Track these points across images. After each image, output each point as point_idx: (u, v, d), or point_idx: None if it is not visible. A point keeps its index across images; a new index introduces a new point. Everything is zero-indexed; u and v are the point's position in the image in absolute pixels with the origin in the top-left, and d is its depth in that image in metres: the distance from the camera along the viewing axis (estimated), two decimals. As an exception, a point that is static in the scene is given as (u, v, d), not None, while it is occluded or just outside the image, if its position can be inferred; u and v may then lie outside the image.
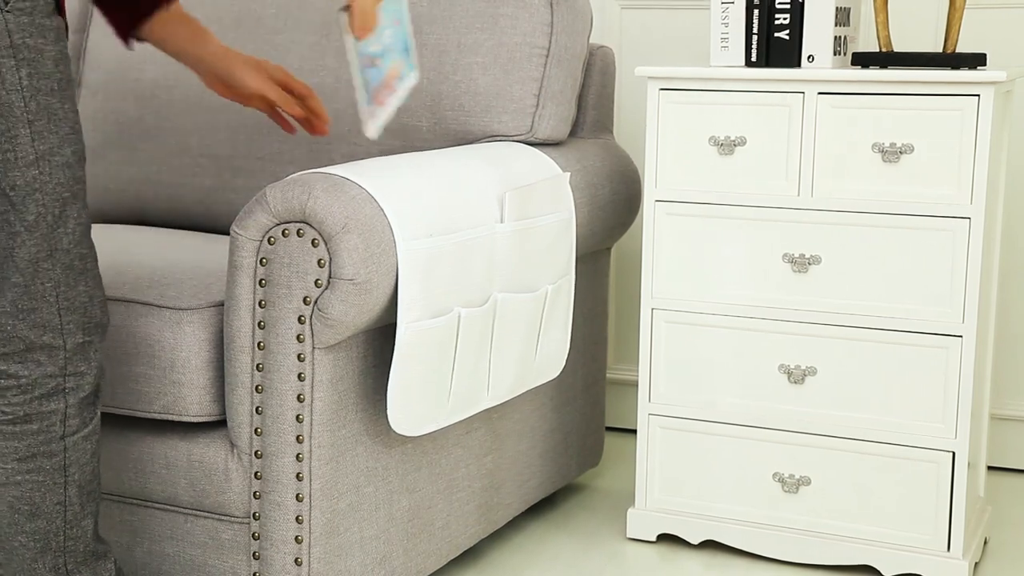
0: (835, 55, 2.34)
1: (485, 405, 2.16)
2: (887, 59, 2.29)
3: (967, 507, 2.31)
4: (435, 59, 2.44)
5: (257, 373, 1.90)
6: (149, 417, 1.98)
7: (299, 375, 1.89)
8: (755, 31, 2.35)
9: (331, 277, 1.85)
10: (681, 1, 2.99)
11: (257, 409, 1.91)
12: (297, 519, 1.91)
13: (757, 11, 2.35)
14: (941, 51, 2.31)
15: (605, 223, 2.53)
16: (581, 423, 2.65)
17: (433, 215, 1.97)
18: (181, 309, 1.96)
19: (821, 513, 2.36)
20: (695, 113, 2.36)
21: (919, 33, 2.85)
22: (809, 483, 2.36)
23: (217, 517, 1.98)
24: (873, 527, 2.33)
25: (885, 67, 2.29)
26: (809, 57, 2.33)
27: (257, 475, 1.92)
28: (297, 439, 1.90)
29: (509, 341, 2.17)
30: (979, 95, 2.18)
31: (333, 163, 2.49)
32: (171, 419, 1.96)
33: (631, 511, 2.49)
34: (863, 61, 2.31)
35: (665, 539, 2.52)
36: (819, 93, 2.27)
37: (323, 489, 1.93)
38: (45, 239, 1.67)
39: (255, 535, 1.94)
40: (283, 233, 1.87)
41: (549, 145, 2.47)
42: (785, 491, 2.37)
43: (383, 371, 2.03)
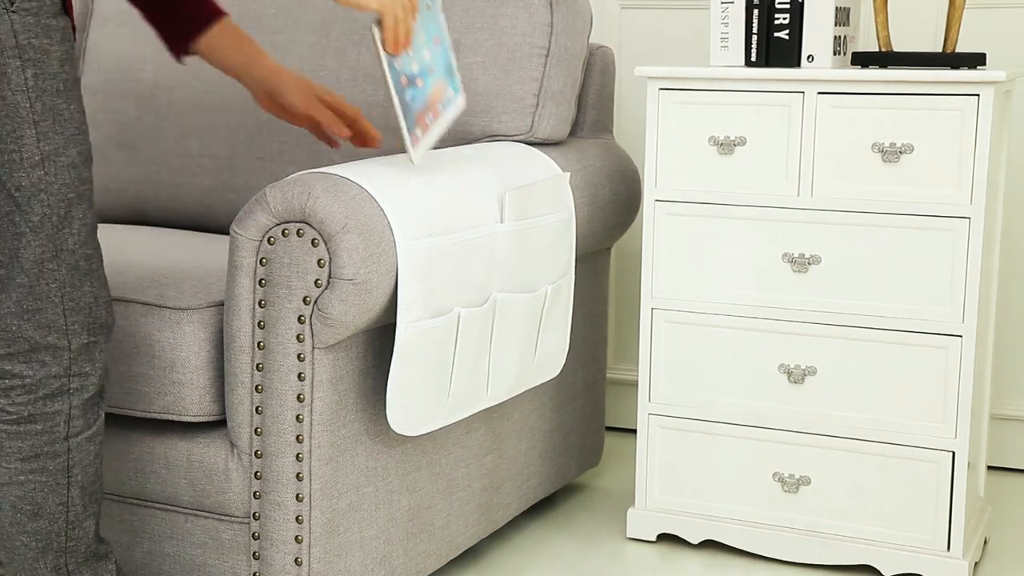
0: (835, 55, 2.34)
1: (485, 405, 2.16)
2: (887, 59, 2.29)
3: (967, 507, 2.31)
4: (435, 59, 2.44)
5: (257, 373, 1.90)
6: (149, 417, 1.98)
7: (299, 375, 1.89)
8: (755, 31, 2.35)
9: (331, 277, 1.85)
10: (681, 1, 2.99)
11: (257, 409, 1.91)
12: (297, 519, 1.91)
13: (757, 11, 2.35)
14: (941, 51, 2.31)
15: (605, 223, 2.53)
16: (581, 423, 2.65)
17: (433, 215, 1.97)
18: (181, 309, 1.96)
19: (821, 513, 2.36)
20: (695, 113, 2.36)
21: (919, 33, 2.85)
22: (809, 483, 2.36)
23: (217, 517, 1.98)
24: (873, 527, 2.33)
25: (885, 67, 2.29)
26: (809, 57, 2.33)
27: (257, 475, 1.92)
28: (297, 439, 1.90)
29: (509, 341, 2.17)
30: (979, 95, 2.18)
31: (333, 163, 2.49)
32: (171, 419, 1.96)
33: (631, 511, 2.49)
34: (863, 61, 2.31)
35: (665, 539, 2.52)
36: (819, 93, 2.27)
37: (323, 489, 1.93)
38: (50, 240, 1.67)
39: (255, 535, 1.94)
40: (283, 233, 1.87)
41: (549, 145, 2.47)
42: (785, 491, 2.37)
43: (383, 371, 2.03)
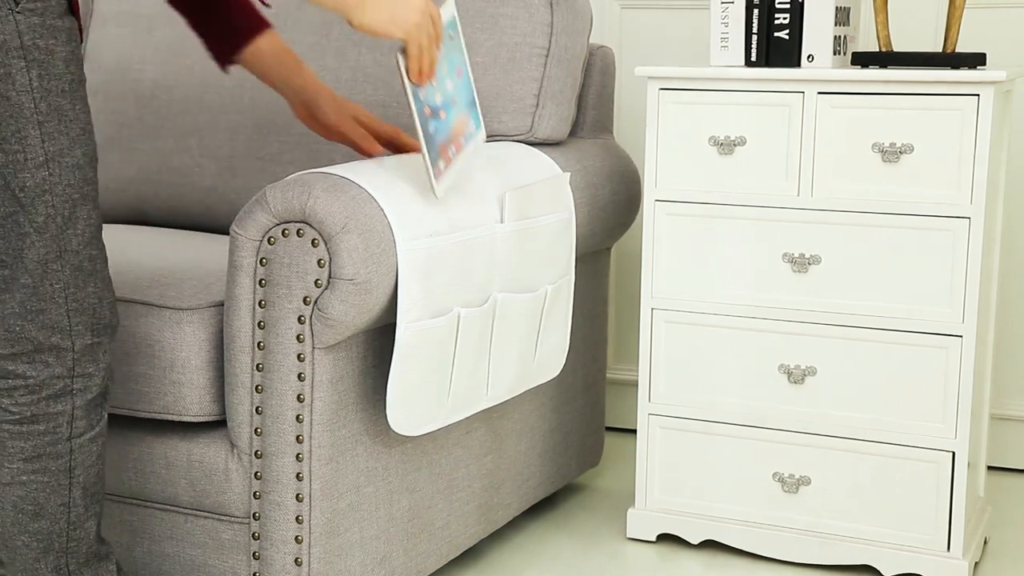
0: (835, 55, 2.34)
1: (485, 405, 2.16)
2: (887, 59, 2.29)
3: (967, 507, 2.31)
4: (435, 59, 2.44)
5: (257, 373, 1.90)
6: (149, 417, 1.98)
7: (299, 375, 1.89)
8: (755, 31, 2.35)
9: (331, 277, 1.85)
10: (681, 1, 2.99)
11: (257, 409, 1.91)
12: (297, 519, 1.91)
13: (757, 11, 2.35)
14: (941, 51, 2.31)
15: (605, 223, 2.53)
16: (581, 423, 2.65)
17: (433, 215, 1.97)
18: (181, 309, 1.96)
19: (821, 513, 2.36)
20: (695, 113, 2.36)
21: (919, 33, 2.85)
22: (809, 483, 2.36)
23: (217, 517, 1.98)
24: (873, 527, 2.33)
25: (885, 67, 2.29)
26: (809, 57, 2.33)
27: (257, 475, 1.92)
28: (297, 439, 1.90)
29: (509, 341, 2.17)
30: (979, 95, 2.18)
31: (333, 163, 2.49)
32: (171, 419, 1.96)
33: (631, 511, 2.49)
34: (863, 61, 2.31)
35: (665, 539, 2.52)
36: (819, 93, 2.27)
37: (323, 489, 1.93)
38: (54, 240, 1.67)
39: (255, 535, 1.94)
40: (283, 233, 1.87)
41: (549, 145, 2.47)
42: (785, 491, 2.37)
43: (383, 371, 2.03)
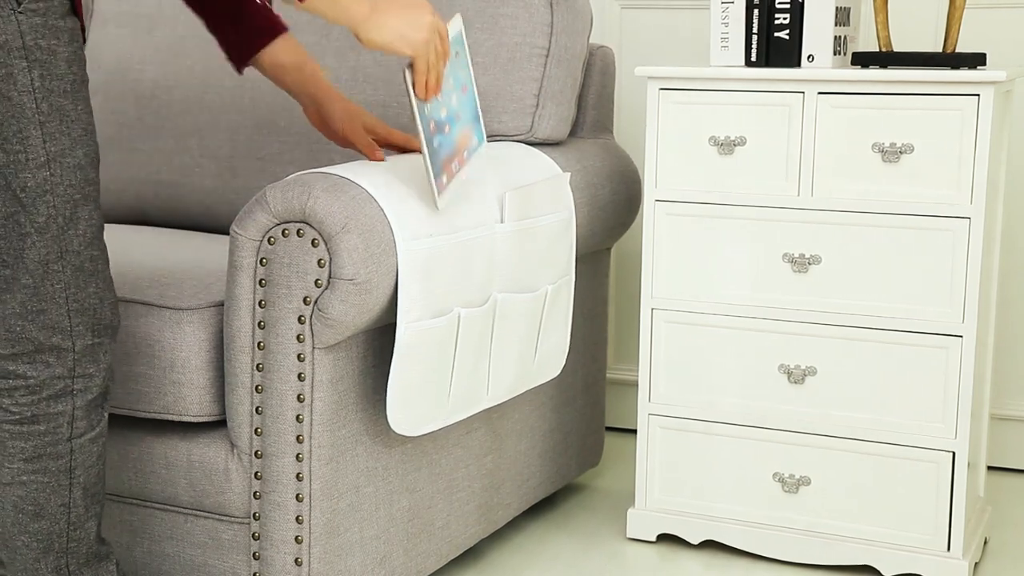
0: (835, 55, 2.34)
1: (485, 405, 2.16)
2: (887, 59, 2.29)
3: (967, 507, 2.31)
4: (435, 59, 2.44)
5: (257, 373, 1.90)
6: (149, 417, 1.98)
7: (299, 375, 1.89)
8: (755, 31, 2.35)
9: (331, 277, 1.85)
10: (681, 1, 2.99)
11: (257, 409, 1.91)
12: (297, 519, 1.91)
13: (757, 11, 2.35)
14: (941, 51, 2.31)
15: (605, 223, 2.53)
16: (581, 423, 2.65)
17: (433, 215, 1.97)
18: (181, 309, 1.96)
19: (821, 513, 2.36)
20: (695, 113, 2.36)
21: (919, 33, 2.85)
22: (809, 483, 2.36)
23: (217, 517, 1.98)
24: (873, 527, 2.33)
25: (885, 67, 2.29)
26: (809, 57, 2.33)
27: (257, 475, 1.92)
28: (297, 439, 1.90)
29: (509, 341, 2.17)
30: (979, 95, 2.18)
31: (333, 163, 2.49)
32: (171, 419, 1.96)
33: (631, 511, 2.49)
34: (863, 61, 2.31)
35: (665, 539, 2.52)
36: (819, 93, 2.27)
37: (323, 489, 1.93)
38: (55, 241, 1.67)
39: (255, 535, 1.94)
40: (283, 233, 1.87)
41: (549, 145, 2.47)
42: (785, 491, 2.37)
43: (383, 371, 2.03)
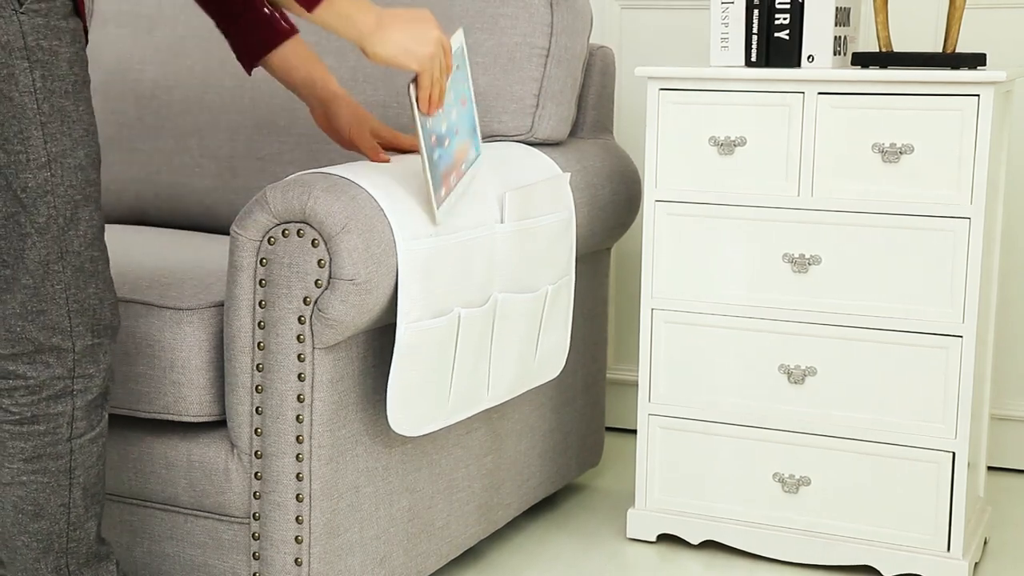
0: (835, 55, 2.34)
1: (485, 405, 2.16)
2: (887, 59, 2.29)
3: (967, 507, 2.31)
4: (435, 59, 2.44)
5: (257, 373, 1.90)
6: (149, 417, 1.98)
7: (299, 375, 1.89)
8: (755, 31, 2.35)
9: (331, 277, 1.85)
10: (681, 1, 2.99)
11: (257, 409, 1.91)
12: (297, 519, 1.91)
13: (757, 11, 2.35)
14: (941, 51, 2.31)
15: (605, 223, 2.53)
16: (581, 423, 2.65)
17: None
18: (181, 309, 1.96)
19: (821, 513, 2.36)
20: (695, 113, 2.36)
21: (919, 33, 2.85)
22: (809, 483, 2.36)
23: (217, 517, 1.98)
24: (873, 527, 2.33)
25: (885, 67, 2.29)
26: (809, 57, 2.33)
27: (257, 475, 1.92)
28: (297, 439, 1.90)
29: (509, 341, 2.17)
30: (979, 95, 2.18)
31: (333, 163, 2.49)
32: (171, 419, 1.96)
33: (631, 511, 2.49)
34: (863, 61, 2.31)
35: (665, 539, 2.52)
36: (819, 93, 2.27)
37: (323, 489, 1.93)
38: (56, 241, 1.67)
39: (255, 535, 1.94)
40: (283, 233, 1.87)
41: (549, 145, 2.47)
42: (785, 491, 2.37)
43: (383, 371, 2.03)
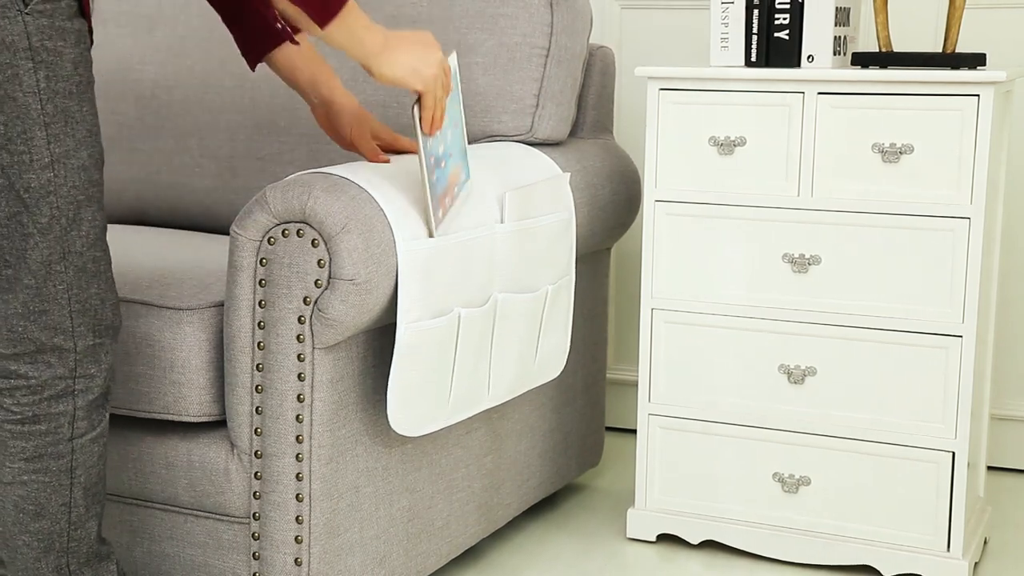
0: (835, 55, 2.34)
1: (486, 405, 2.16)
2: (887, 59, 2.29)
3: (967, 507, 2.31)
4: (435, 59, 2.44)
5: (257, 373, 1.90)
6: (149, 417, 1.98)
7: (299, 375, 1.89)
8: (755, 31, 2.35)
9: (331, 277, 1.85)
10: (681, 1, 2.99)
11: (257, 409, 1.91)
12: (297, 519, 1.91)
13: (757, 11, 2.35)
14: (941, 51, 2.31)
15: (605, 223, 2.53)
16: (581, 423, 2.65)
17: (433, 215, 1.97)
18: (181, 309, 1.96)
19: (821, 513, 2.36)
20: (695, 113, 2.36)
21: (919, 33, 2.85)
22: (809, 483, 2.36)
23: (217, 517, 1.98)
24: (873, 527, 2.33)
25: (885, 67, 2.29)
26: (809, 57, 2.33)
27: (257, 475, 1.92)
28: (297, 439, 1.90)
29: (509, 341, 2.17)
30: (979, 95, 2.18)
31: (333, 163, 2.49)
32: (171, 419, 1.96)
33: (631, 511, 2.49)
34: (863, 61, 2.31)
35: (665, 539, 2.52)
36: (819, 93, 2.27)
37: (323, 489, 1.93)
38: (58, 241, 1.67)
39: (255, 535, 1.94)
40: (283, 233, 1.87)
41: (549, 145, 2.47)
42: (785, 491, 2.37)
43: (383, 371, 2.03)
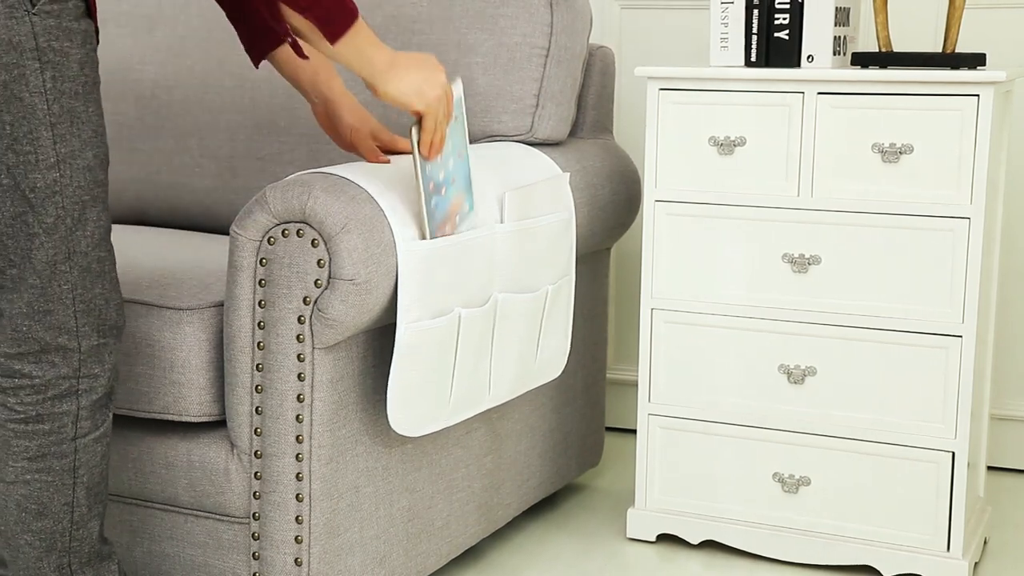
0: (835, 55, 2.34)
1: (486, 406, 2.16)
2: (887, 59, 2.29)
3: (967, 507, 2.31)
4: (435, 59, 2.44)
5: (257, 373, 1.90)
6: (149, 417, 1.98)
7: (299, 375, 1.89)
8: (755, 31, 2.35)
9: (331, 277, 1.85)
10: (681, 1, 2.99)
11: (257, 409, 1.91)
12: (297, 519, 1.91)
13: (757, 11, 2.35)
14: (941, 51, 2.31)
15: (605, 223, 2.53)
16: (581, 423, 2.65)
17: (433, 215, 1.97)
18: (181, 309, 1.96)
19: (821, 513, 2.36)
20: (695, 113, 2.36)
21: (919, 33, 2.85)
22: (809, 483, 2.36)
23: (217, 517, 1.98)
24: (873, 527, 2.33)
25: (885, 67, 2.29)
26: (809, 57, 2.33)
27: (257, 475, 1.92)
28: (297, 439, 1.90)
29: (510, 341, 2.17)
30: (979, 95, 2.18)
31: (333, 163, 2.49)
32: (171, 419, 1.96)
33: (631, 511, 2.49)
34: (863, 61, 2.31)
35: (665, 539, 2.52)
36: (819, 93, 2.27)
37: (323, 489, 1.93)
38: (63, 241, 1.68)
39: (255, 535, 1.94)
40: (283, 233, 1.87)
41: (549, 145, 2.47)
42: (785, 491, 2.37)
43: (383, 371, 2.03)
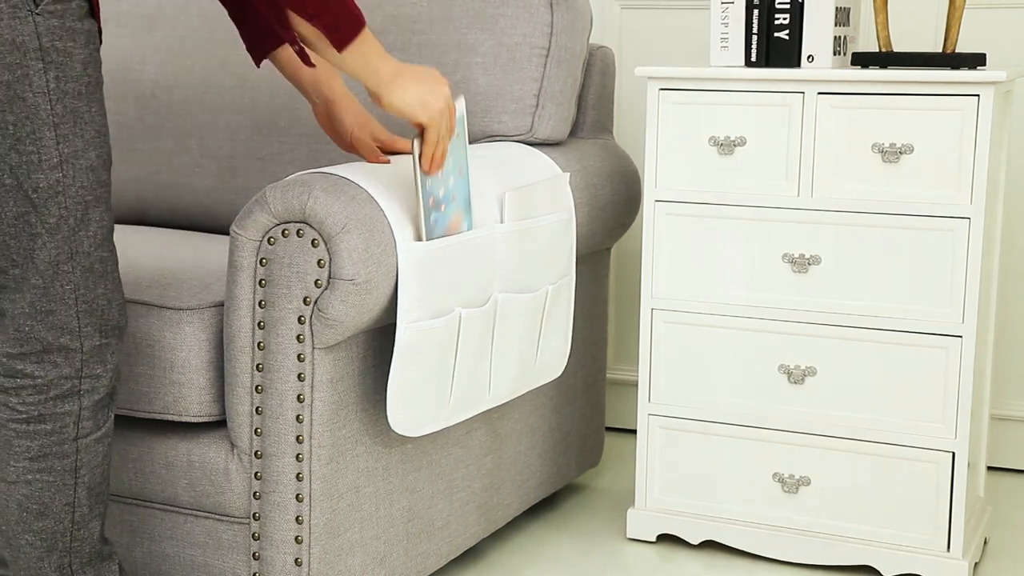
0: (835, 55, 2.34)
1: (486, 406, 2.16)
2: (887, 59, 2.29)
3: (967, 507, 2.31)
4: (435, 59, 2.44)
5: (257, 373, 1.90)
6: (149, 417, 1.98)
7: (299, 375, 1.89)
8: (755, 31, 2.35)
9: (331, 277, 1.85)
10: (681, 1, 2.99)
11: (257, 409, 1.91)
12: (297, 519, 1.91)
13: (757, 11, 2.35)
14: (941, 51, 2.31)
15: (605, 223, 2.53)
16: (581, 423, 2.65)
17: (433, 215, 1.97)
18: (181, 309, 1.96)
19: (821, 513, 2.36)
20: (695, 113, 2.36)
21: (919, 33, 2.85)
22: (809, 483, 2.36)
23: (217, 517, 1.98)
24: (873, 527, 2.33)
25: (885, 67, 2.29)
26: (809, 57, 2.33)
27: (257, 475, 1.92)
28: (297, 439, 1.90)
29: (510, 341, 2.17)
30: (979, 95, 2.18)
31: (333, 163, 2.49)
32: (171, 419, 1.96)
33: (631, 511, 2.49)
34: (863, 61, 2.31)
35: (665, 539, 2.52)
36: (819, 93, 2.27)
37: (323, 489, 1.93)
38: (66, 242, 1.68)
39: (255, 535, 1.94)
40: (283, 233, 1.87)
41: (549, 145, 2.47)
42: (785, 491, 2.37)
43: (383, 371, 2.03)
